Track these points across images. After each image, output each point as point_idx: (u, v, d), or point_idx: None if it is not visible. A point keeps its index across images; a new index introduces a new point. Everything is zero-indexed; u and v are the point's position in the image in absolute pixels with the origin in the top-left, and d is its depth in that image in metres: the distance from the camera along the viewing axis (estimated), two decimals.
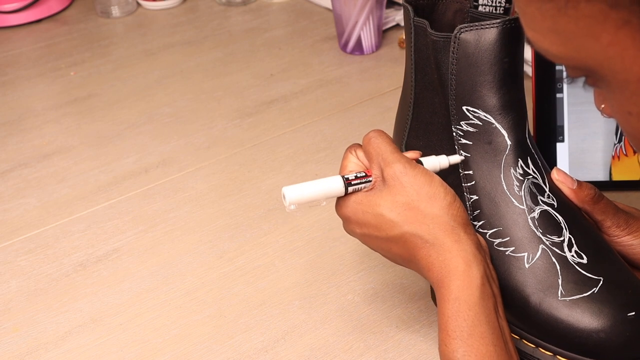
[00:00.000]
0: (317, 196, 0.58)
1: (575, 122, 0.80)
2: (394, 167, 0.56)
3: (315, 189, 0.57)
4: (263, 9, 1.30)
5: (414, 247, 0.55)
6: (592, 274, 0.56)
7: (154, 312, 0.70)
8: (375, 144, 0.58)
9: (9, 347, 0.68)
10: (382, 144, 0.58)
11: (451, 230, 0.54)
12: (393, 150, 0.58)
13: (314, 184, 0.58)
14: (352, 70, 1.09)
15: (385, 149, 0.58)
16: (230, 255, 0.76)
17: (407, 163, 0.57)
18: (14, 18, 1.27)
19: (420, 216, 0.55)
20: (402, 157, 0.57)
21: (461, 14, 0.67)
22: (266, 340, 0.67)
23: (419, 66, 0.65)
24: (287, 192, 0.57)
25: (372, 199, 0.57)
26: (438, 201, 0.55)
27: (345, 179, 0.58)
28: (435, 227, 0.55)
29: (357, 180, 0.58)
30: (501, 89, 0.59)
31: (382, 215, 0.56)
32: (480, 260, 0.54)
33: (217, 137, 0.95)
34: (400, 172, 0.56)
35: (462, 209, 0.56)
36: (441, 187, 0.56)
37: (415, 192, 0.55)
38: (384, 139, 0.59)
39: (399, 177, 0.56)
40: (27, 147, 0.95)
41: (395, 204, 0.55)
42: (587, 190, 0.61)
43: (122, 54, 1.17)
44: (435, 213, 0.55)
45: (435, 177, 0.56)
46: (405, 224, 0.55)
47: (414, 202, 0.55)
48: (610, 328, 0.54)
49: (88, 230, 0.81)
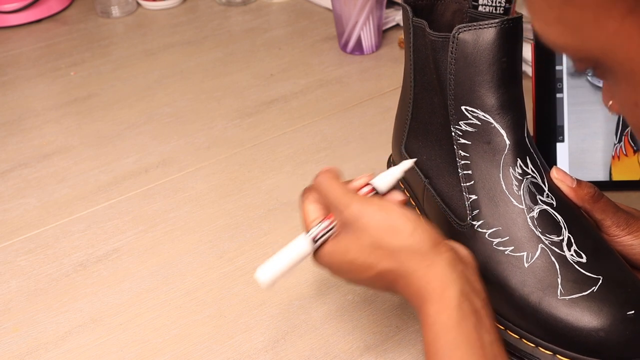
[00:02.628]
0: (290, 266, 0.58)
1: (575, 122, 0.80)
2: (349, 210, 0.56)
3: (286, 260, 0.58)
4: (263, 9, 1.30)
5: (392, 282, 0.55)
6: (591, 273, 0.56)
7: (154, 312, 0.70)
8: (325, 188, 0.58)
9: (9, 347, 0.68)
10: (331, 187, 0.58)
11: (421, 257, 0.54)
12: (344, 191, 0.57)
13: (283, 256, 0.58)
14: (352, 70, 1.09)
15: (335, 192, 0.57)
16: (230, 255, 0.76)
17: (361, 203, 0.56)
18: (14, 18, 1.27)
19: (388, 252, 0.54)
20: (354, 197, 0.57)
21: (460, 14, 0.67)
22: (266, 340, 0.67)
23: (418, 66, 0.65)
24: (260, 276, 0.58)
25: (340, 248, 0.57)
26: (400, 233, 0.54)
27: (311, 237, 0.58)
28: (404, 259, 0.54)
29: (322, 232, 0.58)
30: (500, 89, 0.59)
31: (354, 261, 0.56)
32: (456, 278, 0.53)
33: (217, 137, 0.95)
34: (357, 214, 0.56)
35: (426, 231, 0.55)
36: (399, 218, 0.55)
37: (376, 231, 0.55)
38: (332, 181, 0.58)
39: (357, 219, 0.55)
40: (27, 147, 0.95)
41: (362, 247, 0.55)
42: (586, 188, 0.61)
43: (122, 54, 1.17)
44: (401, 245, 0.54)
45: (391, 209, 0.56)
46: (377, 263, 0.55)
47: (378, 240, 0.55)
48: (610, 327, 0.54)
49: (88, 230, 0.81)
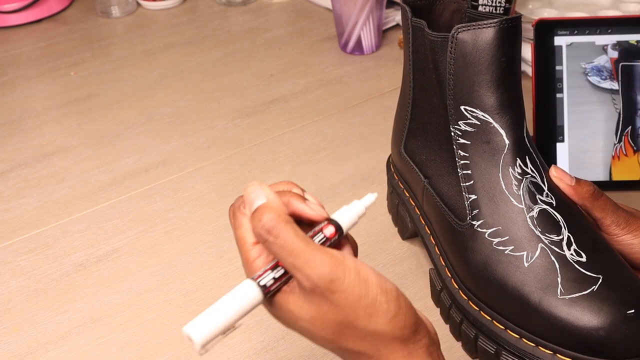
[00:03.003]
0: (231, 321, 0.44)
1: (575, 122, 0.80)
2: (316, 272, 0.43)
3: (225, 314, 0.43)
4: (263, 9, 1.30)
5: (355, 359, 0.46)
6: (591, 272, 0.56)
7: (154, 312, 0.70)
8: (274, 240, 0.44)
9: (9, 347, 0.68)
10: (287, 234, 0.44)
11: (399, 344, 0.45)
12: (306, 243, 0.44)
13: (221, 309, 0.44)
14: (352, 70, 1.09)
15: (294, 242, 0.43)
16: (230, 255, 0.76)
17: (333, 266, 0.43)
18: (14, 18, 1.27)
19: (361, 334, 0.44)
20: (325, 255, 0.43)
21: (459, 14, 0.67)
22: (266, 340, 0.67)
23: (417, 66, 0.65)
24: (193, 334, 0.42)
25: (294, 312, 0.45)
26: (380, 315, 0.44)
27: (262, 287, 0.44)
28: (379, 344, 0.45)
29: (277, 284, 0.45)
30: (499, 89, 0.59)
31: (311, 332, 0.45)
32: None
33: (217, 137, 0.95)
34: (326, 283, 0.43)
35: (409, 314, 0.45)
36: (381, 294, 0.44)
37: (350, 310, 0.43)
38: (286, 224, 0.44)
39: (325, 289, 0.43)
40: (27, 147, 0.95)
41: (326, 323, 0.44)
42: (585, 186, 0.61)
43: (122, 54, 1.17)
44: (378, 329, 0.44)
45: (371, 283, 0.44)
46: (341, 341, 0.45)
47: (351, 320, 0.44)
48: (610, 326, 0.54)
49: (88, 230, 0.81)
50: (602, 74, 0.80)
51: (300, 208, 0.47)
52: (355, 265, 0.44)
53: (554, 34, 0.80)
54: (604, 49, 0.80)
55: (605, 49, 0.80)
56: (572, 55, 0.80)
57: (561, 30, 0.80)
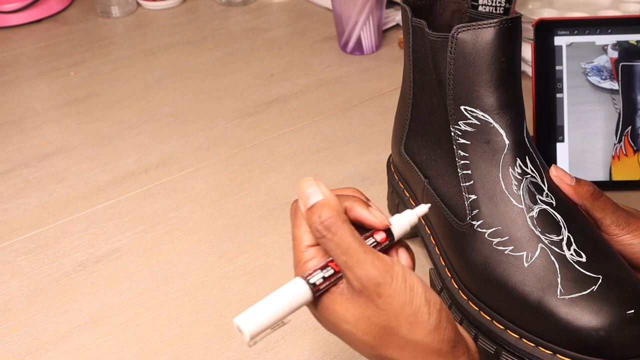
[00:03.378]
0: (280, 317, 0.45)
1: (575, 122, 0.80)
2: (366, 274, 0.44)
3: (275, 309, 0.45)
4: (263, 9, 1.30)
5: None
6: (591, 272, 0.56)
7: (154, 312, 0.70)
8: (330, 237, 0.45)
9: (9, 347, 0.68)
10: (339, 237, 0.45)
11: (437, 358, 0.45)
12: (360, 245, 0.45)
13: (272, 304, 0.45)
14: (352, 70, 1.09)
15: (349, 241, 0.45)
16: (230, 255, 0.76)
17: (382, 271, 0.44)
18: (14, 18, 1.27)
19: (401, 342, 0.45)
20: (376, 259, 0.45)
21: (459, 14, 0.67)
22: (266, 340, 0.67)
23: (417, 66, 0.65)
24: (243, 325, 0.44)
25: (339, 314, 0.45)
26: (422, 326, 0.45)
27: (311, 285, 0.45)
28: (418, 355, 0.45)
29: (326, 283, 0.46)
30: (499, 89, 0.59)
31: (353, 335, 0.46)
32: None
33: (217, 137, 0.95)
34: (374, 286, 0.44)
35: (449, 328, 0.46)
36: (425, 305, 0.45)
37: (393, 315, 0.44)
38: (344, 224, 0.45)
39: (372, 292, 0.44)
40: (27, 147, 0.95)
41: (370, 326, 0.45)
42: (585, 186, 0.61)
43: (122, 54, 1.17)
44: (418, 340, 0.45)
45: (417, 292, 0.45)
46: (382, 348, 0.45)
47: (393, 327, 0.45)
48: (610, 326, 0.54)
49: (88, 230, 0.81)
50: (602, 74, 0.80)
51: (362, 214, 0.48)
52: (404, 272, 0.45)
53: (554, 34, 0.80)
54: (604, 49, 0.80)
55: (605, 49, 0.80)
56: (572, 55, 0.80)
57: (561, 30, 0.80)
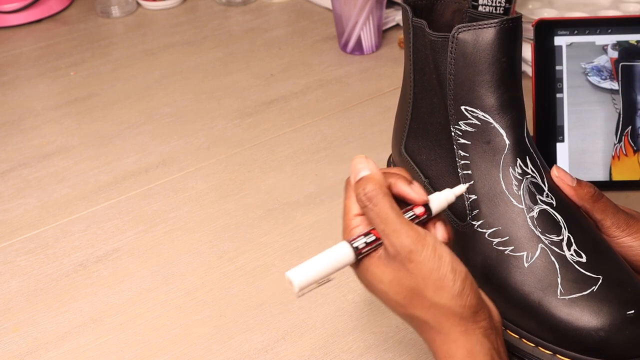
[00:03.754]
0: (326, 273, 0.52)
1: (575, 122, 0.80)
2: (402, 242, 0.50)
3: (324, 264, 0.51)
4: (263, 9, 1.30)
5: (419, 327, 0.53)
6: (591, 273, 0.56)
7: (154, 312, 0.70)
8: (373, 206, 0.52)
9: (9, 347, 0.68)
10: (380, 206, 0.51)
11: (459, 320, 0.51)
12: (397, 215, 0.51)
13: (320, 261, 0.51)
14: (352, 70, 1.09)
15: (385, 216, 0.51)
16: (230, 255, 0.76)
17: (414, 239, 0.50)
18: (14, 18, 1.27)
19: (427, 303, 0.51)
20: (410, 229, 0.51)
21: (459, 14, 0.67)
22: (266, 340, 0.67)
23: (418, 66, 0.65)
24: (293, 278, 0.50)
25: (380, 273, 0.52)
26: (446, 290, 0.50)
27: (355, 248, 0.52)
28: (441, 316, 0.51)
29: (367, 248, 0.52)
30: (499, 89, 0.59)
31: (387, 294, 0.52)
32: (488, 348, 0.51)
33: (217, 137, 0.95)
34: (409, 251, 0.50)
35: (472, 295, 0.51)
36: (450, 272, 0.50)
37: (422, 279, 0.50)
38: (382, 197, 0.52)
39: (407, 257, 0.50)
40: (27, 147, 0.95)
41: (401, 287, 0.51)
42: (586, 188, 0.61)
43: (122, 54, 1.17)
44: (442, 303, 0.50)
45: (444, 261, 0.50)
46: (410, 307, 0.51)
47: (421, 289, 0.50)
48: (610, 326, 0.54)
49: (88, 230, 0.81)
50: (602, 74, 0.80)
51: (404, 189, 0.54)
52: (434, 243, 0.51)
53: (554, 34, 0.80)
54: (604, 49, 0.80)
55: (605, 49, 0.80)
56: (572, 55, 0.80)
57: (561, 30, 0.80)
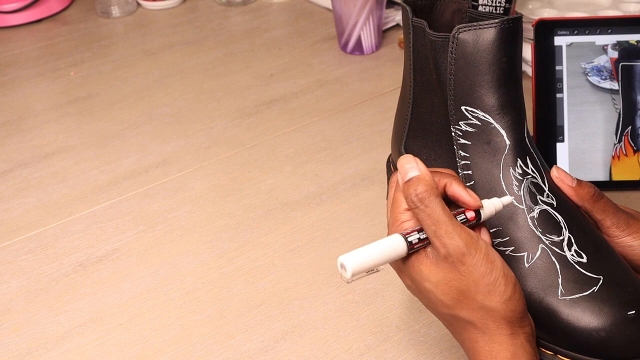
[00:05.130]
0: (378, 262, 0.51)
1: (575, 122, 0.80)
2: (453, 243, 0.50)
3: (375, 255, 0.51)
4: (263, 9, 1.30)
5: (463, 328, 0.53)
6: (591, 273, 0.56)
7: (154, 312, 0.70)
8: (423, 208, 0.51)
9: (9, 347, 0.68)
10: (432, 208, 0.51)
11: (506, 323, 0.51)
12: (448, 219, 0.51)
13: (373, 250, 0.51)
14: (352, 70, 1.09)
15: (438, 218, 0.50)
16: (230, 255, 0.76)
17: (467, 242, 0.50)
18: (14, 18, 1.27)
19: (475, 305, 0.51)
20: (463, 232, 0.50)
21: (459, 14, 0.67)
22: (266, 340, 0.67)
23: (418, 66, 0.65)
24: (347, 262, 0.50)
25: (425, 270, 0.51)
26: (497, 295, 0.50)
27: (408, 242, 0.51)
28: (489, 319, 0.51)
29: (420, 244, 0.52)
30: (500, 89, 0.59)
31: (433, 293, 0.52)
32: (530, 353, 0.52)
33: (217, 137, 0.95)
34: (459, 254, 0.50)
35: (521, 301, 0.52)
36: (502, 277, 0.51)
37: (473, 283, 0.50)
38: (434, 199, 0.51)
39: (456, 260, 0.50)
40: (27, 147, 0.95)
41: (449, 288, 0.51)
42: (586, 188, 0.61)
43: (122, 54, 1.17)
44: (492, 306, 0.51)
45: (496, 266, 0.51)
46: (456, 308, 0.51)
47: (471, 292, 0.50)
48: (611, 327, 0.54)
49: (88, 230, 0.81)
50: (602, 74, 0.80)
51: (459, 192, 0.54)
52: (487, 247, 0.51)
53: (554, 34, 0.80)
54: (604, 49, 0.80)
55: (605, 49, 0.80)
56: (572, 55, 0.80)
57: (561, 30, 0.80)
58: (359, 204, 0.82)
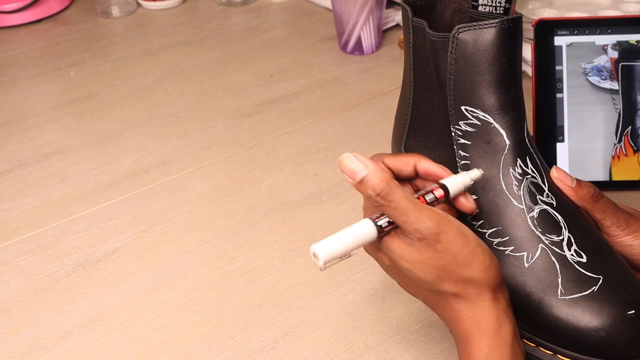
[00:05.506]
0: (350, 248, 0.52)
1: (575, 122, 0.80)
2: (425, 226, 0.51)
3: (346, 241, 0.52)
4: (263, 9, 1.30)
5: (444, 300, 0.54)
6: (591, 273, 0.56)
7: (154, 312, 0.70)
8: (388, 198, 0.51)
9: (9, 347, 0.68)
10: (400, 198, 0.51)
11: (488, 290, 0.52)
12: (414, 204, 0.51)
13: (344, 236, 0.52)
14: (352, 70, 1.09)
15: (405, 204, 0.51)
16: (230, 255, 0.76)
17: (439, 222, 0.51)
18: (14, 18, 1.27)
19: (455, 277, 0.52)
20: (431, 212, 0.51)
21: (459, 14, 0.67)
22: (266, 340, 0.67)
23: (418, 66, 0.65)
24: (319, 251, 0.52)
25: (402, 250, 0.52)
26: (476, 265, 0.52)
27: (378, 226, 0.53)
28: (470, 287, 0.52)
29: (390, 227, 0.53)
30: (500, 89, 0.59)
31: (412, 271, 0.52)
32: (511, 317, 0.53)
33: (217, 137, 0.95)
34: (433, 235, 0.51)
35: (497, 268, 0.53)
36: (478, 247, 0.52)
37: (452, 257, 0.51)
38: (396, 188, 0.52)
39: (432, 240, 0.51)
40: (27, 147, 0.95)
41: (428, 266, 0.52)
42: (586, 188, 0.61)
43: (122, 54, 1.17)
44: (473, 276, 0.52)
45: (470, 238, 0.52)
46: (438, 283, 0.52)
47: (451, 266, 0.51)
48: (610, 327, 0.54)
49: (88, 230, 0.81)
50: (602, 74, 0.80)
51: (429, 166, 0.56)
52: (457, 222, 0.52)
53: (554, 34, 0.80)
54: (604, 49, 0.80)
55: (605, 49, 0.80)
56: (572, 55, 0.80)
57: (561, 30, 0.80)
58: (359, 204, 0.81)
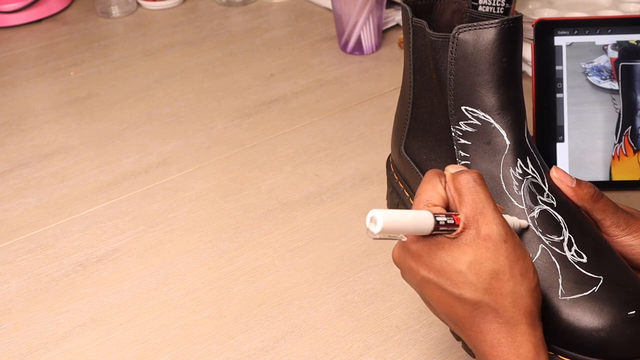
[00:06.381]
0: (406, 227, 0.51)
1: (575, 122, 0.80)
2: (493, 228, 0.51)
3: (405, 220, 0.50)
4: (263, 9, 1.30)
5: (482, 317, 0.52)
6: (592, 273, 0.56)
7: (154, 312, 0.70)
8: (475, 191, 0.52)
9: (9, 347, 0.68)
10: (483, 194, 0.52)
11: (530, 313, 0.52)
12: (494, 207, 0.52)
13: (404, 215, 0.51)
14: (352, 70, 1.09)
15: (486, 202, 0.52)
16: (230, 255, 0.76)
17: (507, 229, 0.52)
18: (14, 18, 1.27)
19: (504, 291, 0.51)
20: (503, 220, 0.52)
21: (459, 14, 0.67)
22: (266, 340, 0.67)
23: (418, 66, 0.65)
24: (380, 216, 0.49)
25: (456, 252, 0.51)
26: (527, 282, 0.51)
27: (436, 221, 0.51)
28: (515, 307, 0.51)
29: (445, 228, 0.51)
30: (500, 89, 0.59)
31: (463, 274, 0.51)
32: (547, 350, 0.53)
33: (217, 137, 0.95)
34: (499, 237, 0.51)
35: (541, 295, 0.53)
36: (532, 265, 0.52)
37: (508, 266, 0.51)
38: (485, 188, 0.53)
39: (496, 242, 0.51)
40: (27, 147, 0.95)
41: (482, 269, 0.51)
42: (586, 188, 0.61)
43: (122, 54, 1.17)
44: (520, 293, 0.51)
45: (527, 254, 0.52)
46: (485, 292, 0.51)
47: (504, 275, 0.51)
48: (611, 327, 0.54)
49: (88, 230, 0.81)
50: (602, 74, 0.80)
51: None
52: (521, 241, 0.53)
53: (554, 34, 0.80)
54: (604, 49, 0.80)
55: (605, 49, 0.80)
56: (572, 55, 0.80)
57: (561, 30, 0.80)
58: (359, 204, 0.82)
